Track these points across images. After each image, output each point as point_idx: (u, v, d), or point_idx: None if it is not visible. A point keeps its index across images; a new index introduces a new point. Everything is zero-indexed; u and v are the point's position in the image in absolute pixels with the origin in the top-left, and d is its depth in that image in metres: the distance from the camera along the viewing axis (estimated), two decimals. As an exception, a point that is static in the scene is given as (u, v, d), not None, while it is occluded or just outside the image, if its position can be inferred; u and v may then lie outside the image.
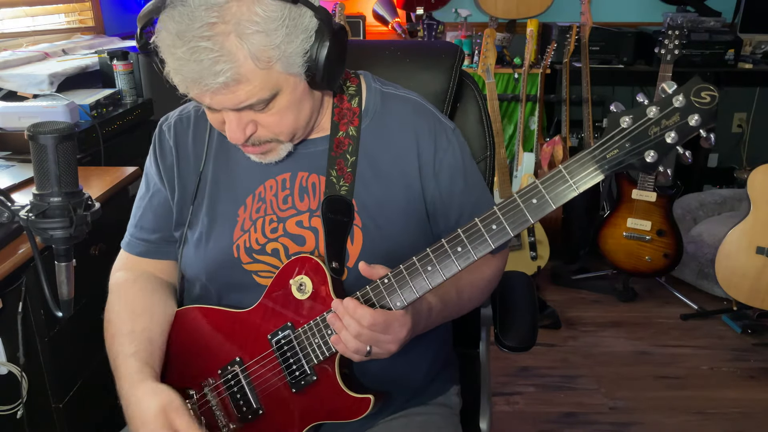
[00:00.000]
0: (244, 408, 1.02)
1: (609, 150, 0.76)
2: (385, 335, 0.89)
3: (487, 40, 2.73)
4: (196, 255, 1.07)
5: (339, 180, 1.01)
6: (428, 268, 0.86)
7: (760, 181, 2.46)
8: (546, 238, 2.83)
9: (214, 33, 0.80)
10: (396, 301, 0.89)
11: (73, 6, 2.68)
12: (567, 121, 3.16)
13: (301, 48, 0.86)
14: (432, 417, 1.12)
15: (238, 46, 0.82)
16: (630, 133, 0.75)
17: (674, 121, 0.73)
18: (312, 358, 0.97)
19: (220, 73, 0.82)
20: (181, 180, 1.09)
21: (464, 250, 0.84)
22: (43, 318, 1.37)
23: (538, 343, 1.22)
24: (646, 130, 0.75)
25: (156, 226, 1.11)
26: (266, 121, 0.92)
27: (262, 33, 0.82)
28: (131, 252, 1.14)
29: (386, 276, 0.89)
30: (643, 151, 0.75)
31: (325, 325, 0.95)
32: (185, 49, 0.81)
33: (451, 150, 1.05)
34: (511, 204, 0.82)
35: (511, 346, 1.21)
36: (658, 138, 0.74)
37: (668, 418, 2.22)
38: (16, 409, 1.40)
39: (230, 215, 1.05)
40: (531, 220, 0.81)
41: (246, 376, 1.02)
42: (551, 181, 0.79)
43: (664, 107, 0.74)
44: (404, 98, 1.09)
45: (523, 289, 1.34)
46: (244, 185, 1.06)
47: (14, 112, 1.81)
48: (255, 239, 1.03)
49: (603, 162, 0.77)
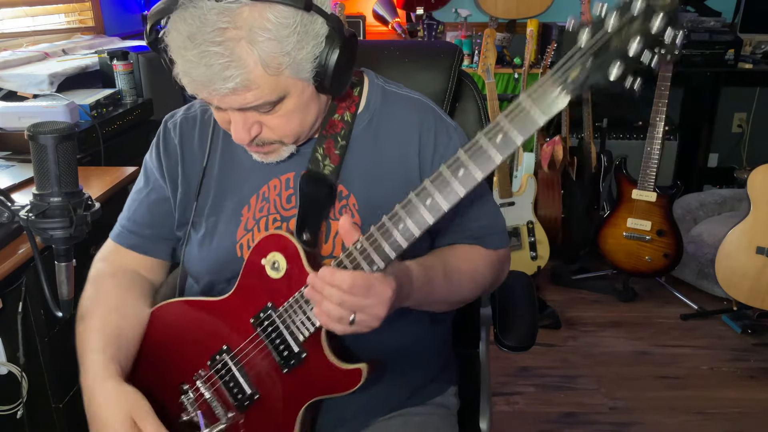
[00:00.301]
0: (239, 395, 1.02)
1: (572, 70, 0.71)
2: (368, 299, 0.83)
3: (487, 40, 2.73)
4: (200, 254, 1.07)
5: (324, 159, 1.01)
6: (400, 226, 0.82)
7: (760, 181, 2.46)
8: (546, 238, 2.83)
9: (225, 38, 0.80)
10: (372, 266, 0.85)
11: (73, 6, 2.68)
12: (567, 121, 3.16)
13: (311, 54, 0.86)
14: (430, 417, 1.12)
15: (249, 52, 0.81)
16: (591, 48, 0.69)
17: (636, 28, 0.67)
18: (297, 336, 0.95)
19: (230, 78, 0.82)
20: (185, 178, 1.09)
21: (432, 201, 0.80)
22: (43, 318, 1.37)
23: (538, 343, 1.22)
24: (608, 43, 0.68)
25: (150, 221, 1.11)
26: (272, 123, 0.92)
27: (274, 40, 0.82)
28: (120, 243, 1.13)
29: (358, 241, 0.85)
30: (607, 66, 0.68)
31: (305, 300, 0.93)
32: (195, 53, 0.81)
33: (452, 146, 1.04)
34: (474, 146, 0.77)
35: (511, 345, 1.21)
36: (621, 49, 0.68)
37: (668, 418, 2.22)
38: (16, 409, 1.40)
39: (234, 214, 1.05)
40: (499, 157, 0.76)
41: (236, 363, 1.01)
42: (515, 112, 0.74)
43: (623, 16, 0.67)
44: (407, 97, 1.09)
45: (523, 289, 1.34)
46: (248, 185, 1.06)
47: (14, 112, 1.81)
48: (258, 238, 1.03)
49: (566, 84, 0.71)
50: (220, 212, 1.07)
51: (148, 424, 0.92)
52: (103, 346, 0.99)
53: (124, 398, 0.94)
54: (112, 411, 0.93)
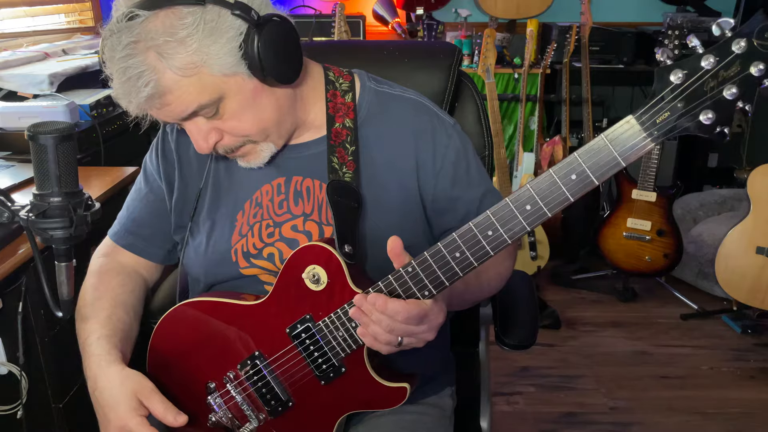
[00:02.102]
0: (272, 401, 1.00)
1: (660, 113, 0.65)
2: (420, 326, 0.85)
3: (487, 40, 2.73)
4: (197, 258, 1.08)
5: (342, 167, 1.00)
6: (456, 255, 0.81)
7: (760, 181, 2.45)
8: (546, 238, 2.83)
9: (135, 51, 0.85)
10: (423, 291, 0.84)
11: (73, 6, 2.68)
12: (567, 121, 3.16)
13: (229, 47, 0.87)
14: (422, 417, 1.12)
15: (157, 58, 0.85)
16: (684, 90, 0.63)
17: (734, 71, 0.61)
18: (338, 351, 0.94)
19: (145, 86, 0.85)
20: (182, 181, 1.09)
21: (496, 233, 0.78)
22: (43, 318, 1.37)
23: (538, 343, 1.22)
24: (702, 86, 0.62)
25: (148, 222, 1.12)
26: (226, 126, 0.93)
27: (174, 42, 0.85)
28: (117, 242, 1.14)
29: (410, 264, 0.84)
30: (699, 112, 0.63)
31: (348, 318, 0.91)
32: (115, 70, 0.87)
33: (452, 146, 1.04)
34: (547, 180, 0.73)
35: (512, 344, 1.21)
36: (715, 94, 0.62)
37: (668, 418, 2.22)
38: (16, 409, 1.39)
39: (229, 220, 1.06)
40: (570, 198, 0.73)
41: (270, 371, 0.99)
42: (593, 152, 0.69)
43: (722, 54, 0.61)
44: (401, 97, 1.08)
45: (524, 288, 1.34)
46: (242, 190, 1.06)
47: (14, 112, 1.81)
48: (252, 244, 1.04)
49: (652, 128, 0.66)
50: (215, 217, 1.07)
51: (155, 401, 0.93)
52: (109, 334, 1.01)
53: (128, 380, 0.95)
54: (116, 392, 0.94)
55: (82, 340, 1.03)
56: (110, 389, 0.95)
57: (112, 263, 1.13)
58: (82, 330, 1.03)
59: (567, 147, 3.10)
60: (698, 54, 0.63)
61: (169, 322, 1.06)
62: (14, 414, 1.40)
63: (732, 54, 0.62)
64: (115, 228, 1.15)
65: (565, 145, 3.08)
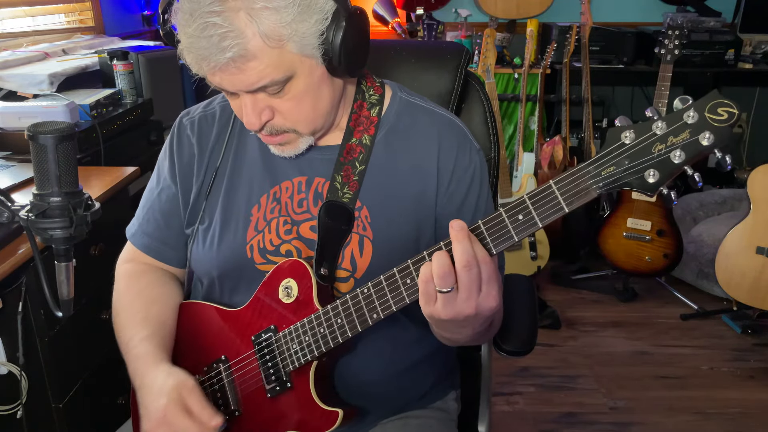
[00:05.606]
0: (222, 408, 1.01)
1: (605, 166, 0.70)
2: (479, 291, 0.79)
3: (487, 40, 2.73)
4: (208, 253, 1.06)
5: (343, 187, 1.00)
6: (407, 281, 0.83)
7: (760, 181, 2.46)
8: (546, 238, 2.84)
9: (223, 8, 0.80)
10: (373, 314, 0.87)
11: (73, 6, 2.68)
12: (567, 121, 3.16)
13: (315, 29, 0.85)
14: (429, 421, 1.12)
15: (247, 22, 0.81)
16: (630, 149, 0.69)
17: (683, 138, 0.66)
18: (288, 363, 0.96)
19: (227, 48, 0.81)
20: (199, 176, 1.07)
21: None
22: (43, 318, 1.37)
23: (538, 343, 1.21)
24: (649, 147, 0.68)
25: (164, 222, 1.10)
26: (283, 107, 0.91)
27: (272, 9, 0.81)
28: (136, 245, 1.13)
29: (365, 286, 0.87)
30: (643, 169, 0.68)
31: (304, 331, 0.94)
32: (195, 26, 0.81)
33: (471, 169, 1.02)
34: (496, 219, 0.78)
35: (509, 350, 1.19)
36: (662, 156, 0.67)
37: (668, 418, 2.22)
38: (16, 409, 1.39)
39: (244, 214, 1.04)
40: (515, 238, 0.77)
41: (228, 375, 1.01)
42: (540, 197, 0.74)
43: (673, 122, 0.67)
44: (431, 111, 1.06)
45: (524, 294, 1.32)
46: (259, 184, 1.05)
47: (14, 112, 1.81)
48: (269, 240, 1.03)
49: (597, 179, 0.71)
50: (230, 210, 1.05)
51: (194, 399, 0.93)
52: (149, 334, 1.02)
53: (171, 376, 0.95)
54: (160, 383, 0.95)
55: (123, 344, 1.03)
56: (152, 386, 0.96)
57: (137, 266, 1.12)
58: (122, 335, 1.04)
59: (567, 147, 3.10)
60: (651, 120, 0.68)
61: None
62: (14, 414, 1.40)
63: (682, 122, 0.67)
64: (132, 228, 1.14)
65: (565, 145, 3.08)
